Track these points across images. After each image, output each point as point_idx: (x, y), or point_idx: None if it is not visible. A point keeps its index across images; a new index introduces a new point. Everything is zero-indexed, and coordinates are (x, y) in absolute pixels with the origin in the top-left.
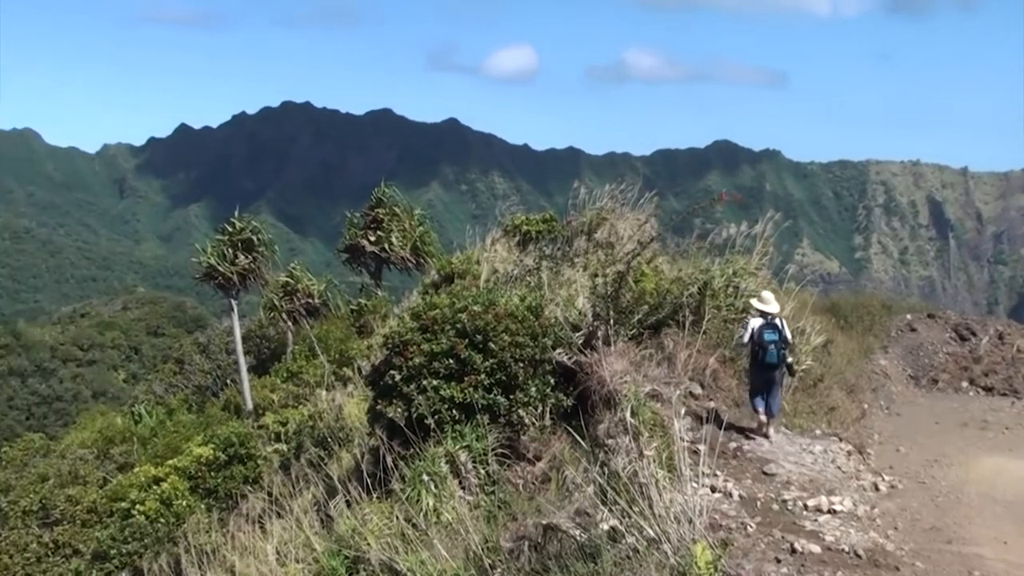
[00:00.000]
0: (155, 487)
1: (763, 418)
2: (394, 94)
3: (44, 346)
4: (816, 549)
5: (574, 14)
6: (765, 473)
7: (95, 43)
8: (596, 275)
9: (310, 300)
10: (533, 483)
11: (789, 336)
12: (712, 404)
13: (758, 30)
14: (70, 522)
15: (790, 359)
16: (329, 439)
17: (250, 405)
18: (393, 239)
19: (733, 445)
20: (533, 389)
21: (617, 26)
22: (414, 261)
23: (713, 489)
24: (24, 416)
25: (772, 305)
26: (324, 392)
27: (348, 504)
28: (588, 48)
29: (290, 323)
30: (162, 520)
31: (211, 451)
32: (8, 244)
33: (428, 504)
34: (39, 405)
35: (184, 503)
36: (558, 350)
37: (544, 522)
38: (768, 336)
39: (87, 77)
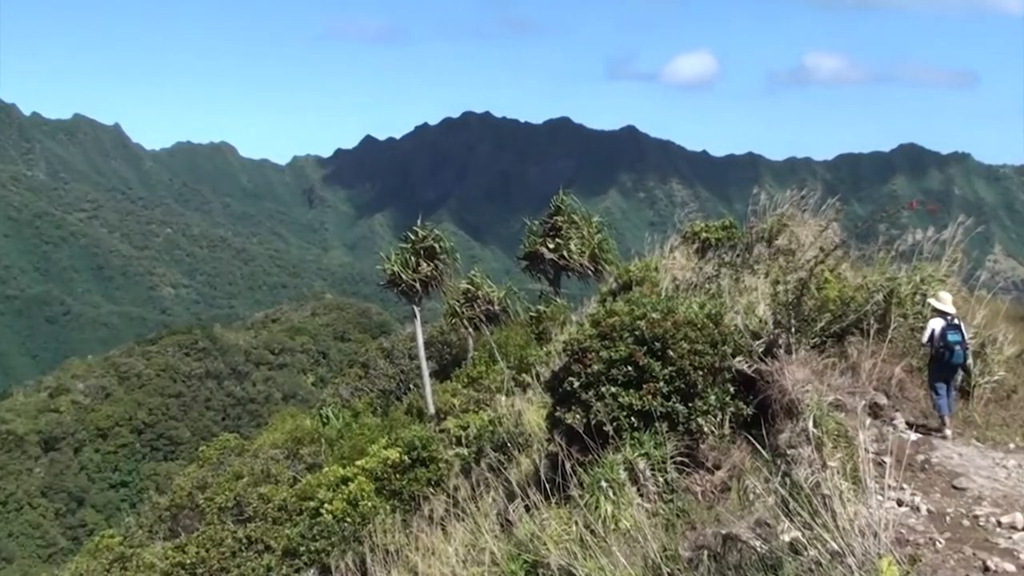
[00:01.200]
0: (342, 487)
1: (946, 418)
2: (572, 103)
3: (238, 350)
4: (1011, 568)
5: (754, 19)
6: (955, 487)
7: (286, 60)
8: (777, 282)
9: (490, 307)
10: (712, 492)
11: (968, 337)
12: (898, 415)
13: (944, 30)
14: (262, 519)
15: (969, 360)
16: (508, 444)
17: (432, 409)
18: (572, 246)
19: (921, 457)
20: (712, 397)
21: (798, 29)
22: (592, 268)
23: (900, 503)
24: (220, 416)
25: (950, 306)
26: (504, 397)
27: (527, 509)
28: (768, 52)
29: (471, 329)
30: (349, 520)
31: (396, 454)
32: (206, 252)
33: (607, 511)
34: (233, 406)
35: (370, 504)
36: (738, 358)
37: (724, 532)
38: (952, 337)
39: (278, 92)
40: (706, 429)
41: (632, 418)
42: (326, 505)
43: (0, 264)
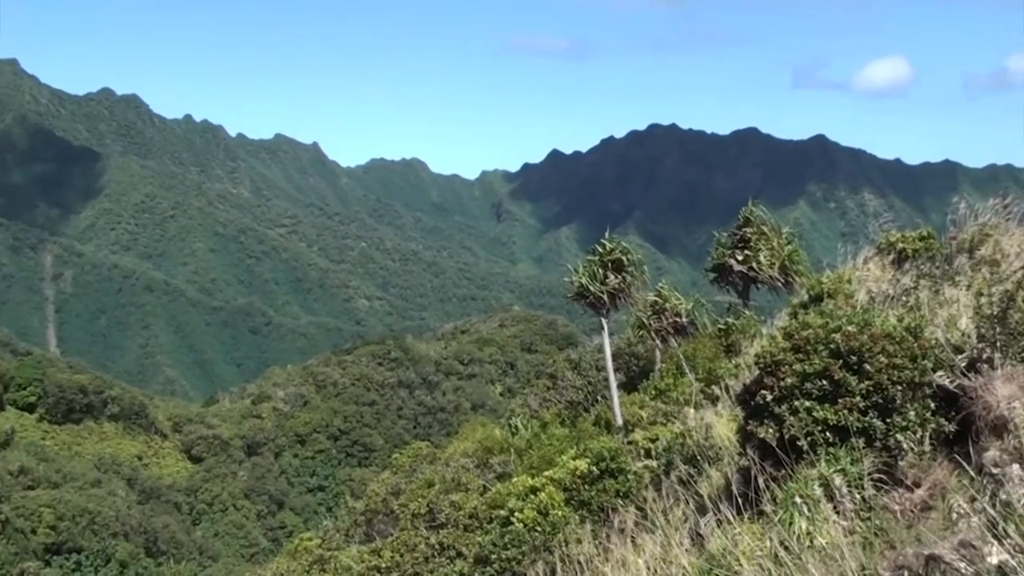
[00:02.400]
0: (532, 497)
1: None
2: (760, 113)
3: (429, 360)
4: None
5: (950, 21)
6: None
7: (475, 77)
8: (980, 294)
9: (678, 319)
10: (912, 511)
11: None
12: None
13: None
14: (454, 526)
15: None
16: (698, 457)
17: (620, 421)
18: (761, 258)
19: None
20: (912, 413)
21: (998, 31)
22: (782, 280)
23: None
24: (411, 425)
25: None
26: (692, 410)
27: (719, 523)
28: (966, 55)
29: (658, 341)
30: (539, 529)
31: (585, 464)
32: (398, 266)
33: (801, 527)
34: (424, 415)
35: (559, 513)
36: (939, 373)
37: (926, 552)
38: None
39: (468, 109)
40: (905, 446)
41: (827, 433)
42: (516, 514)
43: (207, 277)
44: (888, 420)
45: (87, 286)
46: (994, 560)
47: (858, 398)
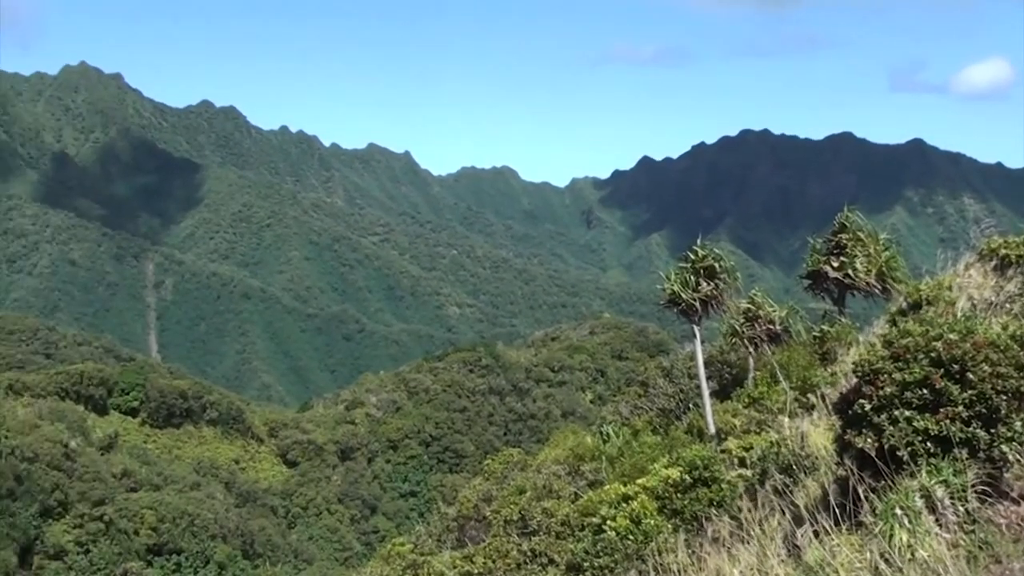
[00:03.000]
0: (624, 505)
1: None
2: (855, 117)
3: (520, 367)
4: None
5: None
6: None
7: (566, 85)
8: None
9: (771, 326)
10: (1018, 524)
11: None
12: None
13: None
14: (546, 533)
15: None
16: (794, 467)
17: (712, 429)
18: (857, 265)
19: None
20: (1018, 424)
21: None
22: (879, 287)
23: None
24: (502, 431)
25: None
26: (787, 419)
27: (816, 534)
28: None
29: (751, 349)
30: (631, 537)
31: (677, 473)
32: (489, 273)
33: (902, 540)
34: (515, 422)
35: (652, 522)
36: None
37: None
38: None
39: (558, 116)
40: (1011, 457)
41: (928, 443)
42: (609, 522)
43: (303, 285)
44: (992, 431)
45: (187, 294)
46: None
47: (960, 408)
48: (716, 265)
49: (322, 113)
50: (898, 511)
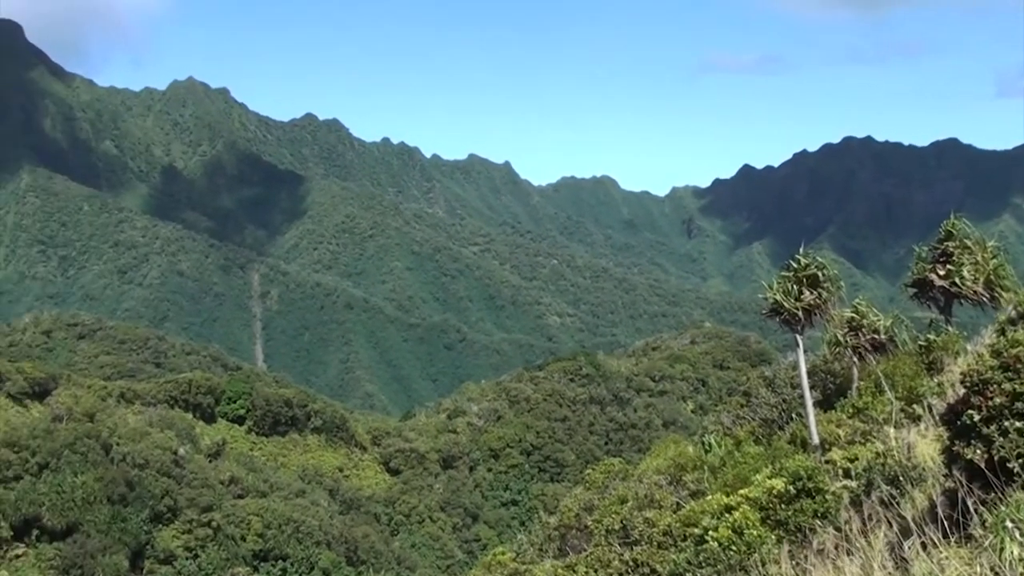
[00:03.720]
0: (727, 515)
1: None
2: (960, 123)
3: (620, 376)
4: None
5: None
6: None
7: (666, 94)
8: None
9: (876, 336)
10: None
11: None
12: None
13: None
14: (647, 543)
15: None
16: (900, 478)
17: (816, 440)
18: (964, 273)
19: None
20: None
21: None
22: (987, 296)
23: None
24: (603, 441)
25: None
26: (892, 430)
27: (923, 546)
28: None
29: (855, 359)
30: (734, 548)
31: (781, 483)
32: (589, 282)
33: (1012, 553)
34: (616, 431)
35: (755, 533)
36: None
37: None
38: None
39: (658, 125)
40: None
41: None
42: (711, 532)
43: (404, 295)
44: None
45: (291, 304)
46: None
47: None
48: (819, 274)
49: (423, 125)
50: (1009, 524)
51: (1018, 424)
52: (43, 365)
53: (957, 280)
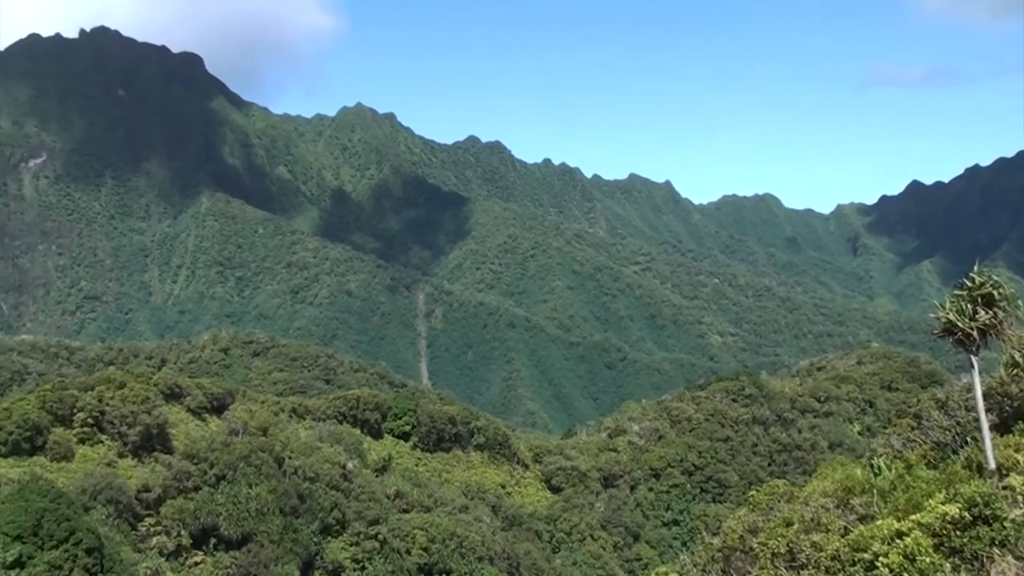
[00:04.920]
0: (898, 541)
1: None
2: None
3: (784, 397)
4: None
5: None
6: None
7: (830, 109)
8: None
9: None
10: None
11: None
12: None
13: None
14: (815, 567)
15: None
16: None
17: (993, 464)
18: None
19: None
20: None
21: None
22: None
23: None
24: (766, 462)
25: None
26: None
27: None
28: None
29: None
30: (905, 574)
31: (956, 509)
32: (751, 301)
33: None
34: (779, 452)
35: (928, 560)
36: None
37: None
38: None
39: (822, 142)
40: None
41: None
42: (881, 558)
43: (566, 314)
44: None
45: (455, 322)
46: None
47: None
48: (995, 292)
49: (584, 145)
50: None
51: None
52: (221, 381)
53: None
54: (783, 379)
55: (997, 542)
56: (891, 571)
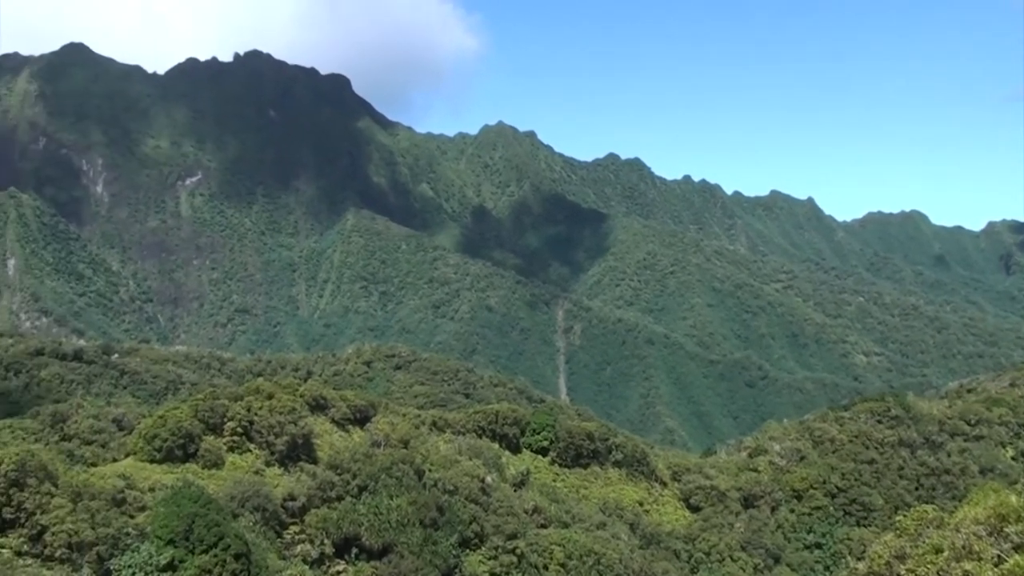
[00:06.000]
0: None
1: None
2: None
3: (932, 419)
4: None
5: None
6: None
7: (979, 124)
8: None
9: None
10: None
11: None
12: None
13: None
14: None
15: None
16: None
17: None
18: None
19: None
20: None
21: None
22: None
23: None
24: (913, 486)
25: None
26: None
27: None
28: None
29: None
30: None
31: None
32: (897, 321)
33: None
34: (927, 476)
35: None
36: None
37: None
38: None
39: (971, 157)
40: None
41: None
42: None
43: (705, 331)
44: None
45: (594, 339)
46: None
47: None
48: None
49: (724, 162)
50: None
51: None
52: (363, 393)
53: None
54: (931, 401)
55: None
56: None
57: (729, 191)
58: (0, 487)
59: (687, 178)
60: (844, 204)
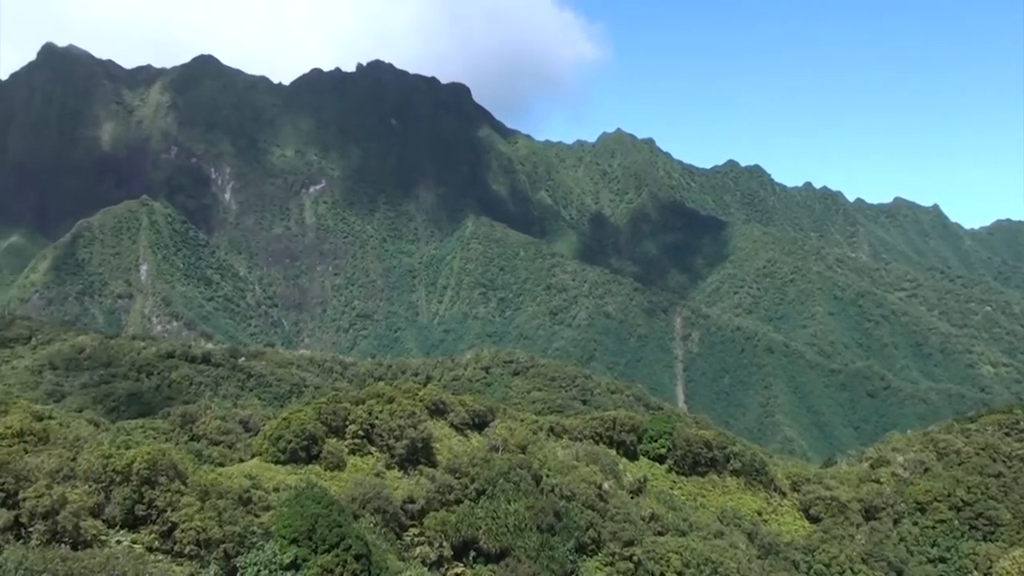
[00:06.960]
0: None
1: None
2: None
3: None
4: None
5: None
6: None
7: None
8: None
9: None
10: None
11: None
12: None
13: None
14: None
15: None
16: None
17: None
18: None
19: None
20: None
21: None
22: None
23: None
24: None
25: None
26: None
27: None
28: None
29: None
30: None
31: None
32: None
33: None
34: None
35: None
36: None
37: None
38: None
39: None
40: None
41: None
42: None
43: (826, 340)
44: None
45: (712, 346)
46: None
47: None
48: None
49: (847, 168)
50: None
51: None
52: (482, 398)
53: None
54: None
55: None
56: None
57: (851, 198)
58: (133, 485)
59: (808, 185)
60: (972, 211)
